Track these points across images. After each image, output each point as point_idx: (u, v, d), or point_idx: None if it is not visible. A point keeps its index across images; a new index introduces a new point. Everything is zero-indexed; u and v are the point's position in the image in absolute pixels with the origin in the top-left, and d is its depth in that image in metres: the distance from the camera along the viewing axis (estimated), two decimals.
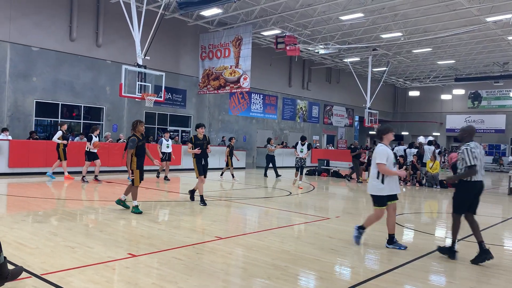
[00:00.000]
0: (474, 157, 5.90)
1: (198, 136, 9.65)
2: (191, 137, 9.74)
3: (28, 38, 17.55)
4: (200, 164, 9.65)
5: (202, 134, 9.69)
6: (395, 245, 6.41)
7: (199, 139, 9.63)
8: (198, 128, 9.75)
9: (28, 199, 9.72)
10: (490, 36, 24.08)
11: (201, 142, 9.58)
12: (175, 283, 4.41)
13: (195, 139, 9.60)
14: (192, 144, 9.58)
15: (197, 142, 9.58)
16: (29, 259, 5.01)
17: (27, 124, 17.72)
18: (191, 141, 9.65)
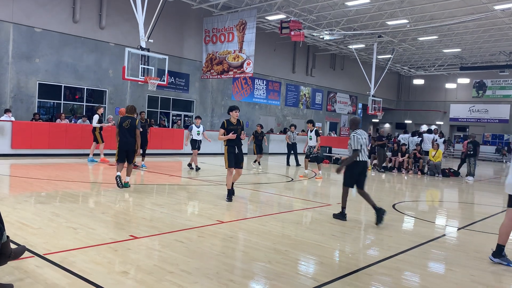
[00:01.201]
0: (359, 143, 7.19)
1: (231, 121, 8.44)
2: (223, 122, 8.46)
3: (31, 19, 17.44)
4: (233, 153, 8.43)
5: (236, 118, 8.47)
6: (502, 260, 5.15)
7: (233, 123, 8.42)
8: (231, 111, 8.47)
9: (31, 180, 9.77)
10: (497, 24, 23.80)
11: (234, 127, 8.38)
12: (176, 265, 4.45)
13: (228, 124, 8.40)
14: (224, 130, 8.38)
15: (230, 127, 8.39)
16: (32, 239, 5.05)
17: (29, 106, 17.72)
18: (223, 126, 8.42)
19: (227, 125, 8.41)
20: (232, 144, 8.41)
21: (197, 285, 3.98)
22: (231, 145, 8.42)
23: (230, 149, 8.42)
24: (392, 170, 17.84)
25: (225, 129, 8.39)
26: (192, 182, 11.23)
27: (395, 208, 8.83)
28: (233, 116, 8.45)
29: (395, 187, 13.47)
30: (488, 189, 14.23)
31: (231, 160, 8.41)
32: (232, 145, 8.41)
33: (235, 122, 8.47)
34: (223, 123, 8.46)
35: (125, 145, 9.30)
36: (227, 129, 8.38)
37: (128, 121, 9.35)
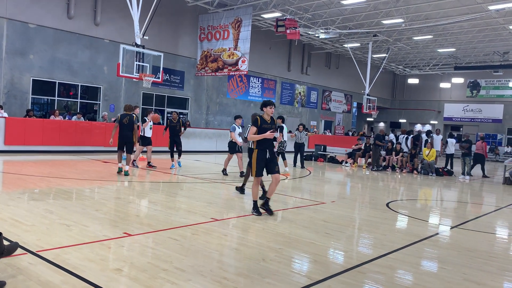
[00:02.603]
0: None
1: (264, 118, 7.06)
2: (255, 119, 7.03)
3: (25, 15, 17.31)
4: (263, 160, 7.01)
5: (270, 116, 7.16)
6: None
7: (266, 121, 7.04)
8: (266, 106, 7.10)
9: (24, 177, 9.71)
10: (492, 25, 23.93)
11: (269, 127, 7.02)
12: (170, 263, 4.44)
13: (261, 121, 6.99)
14: (257, 128, 6.97)
15: (263, 126, 6.99)
16: (25, 236, 5.02)
17: (23, 102, 17.60)
18: (255, 123, 6.99)
19: (260, 122, 6.97)
20: (263, 147, 6.99)
21: (191, 283, 3.98)
22: (262, 148, 6.99)
23: (260, 154, 6.99)
24: (386, 169, 17.90)
25: (258, 127, 6.97)
26: (187, 180, 11.22)
27: (389, 207, 8.87)
28: (268, 113, 7.09)
29: (389, 186, 13.53)
30: (481, 188, 14.32)
31: (260, 167, 7.02)
32: (263, 149, 6.99)
33: (269, 120, 7.10)
34: (255, 120, 7.01)
35: (124, 138, 11.06)
36: (261, 128, 6.97)
37: (127, 118, 11.10)
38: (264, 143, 7.00)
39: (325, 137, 29.37)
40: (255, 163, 7.00)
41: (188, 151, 19.86)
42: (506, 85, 36.88)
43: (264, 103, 7.18)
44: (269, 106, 7.13)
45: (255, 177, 7.12)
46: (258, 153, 6.99)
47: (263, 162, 7.01)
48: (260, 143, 7.00)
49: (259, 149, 7.00)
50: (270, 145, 7.09)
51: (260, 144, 7.00)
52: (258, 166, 7.00)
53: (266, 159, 7.02)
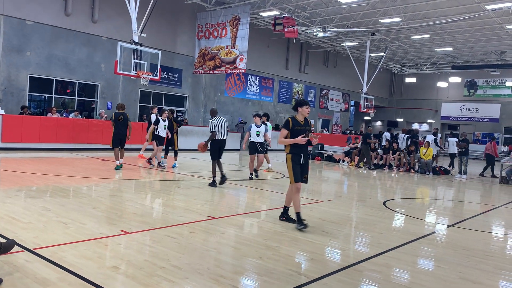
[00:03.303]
0: (215, 125, 9.58)
1: (297, 119, 6.39)
2: (287, 120, 6.39)
3: (22, 11, 17.24)
4: (299, 164, 6.36)
5: (304, 117, 6.46)
6: None
7: (300, 123, 6.37)
8: (301, 106, 6.41)
9: (21, 174, 9.69)
10: (489, 24, 23.98)
11: (303, 128, 6.35)
12: (167, 261, 4.45)
13: (294, 123, 6.33)
14: (288, 131, 6.31)
15: (297, 128, 6.32)
16: (22, 234, 5.01)
17: (20, 99, 17.54)
18: (286, 125, 6.33)
19: (292, 124, 6.32)
20: (298, 151, 6.34)
21: (188, 281, 3.99)
22: (296, 152, 6.33)
23: (295, 158, 6.34)
24: (383, 167, 17.94)
25: (289, 130, 6.32)
26: (184, 178, 11.22)
27: (385, 206, 8.89)
28: (303, 113, 6.42)
29: (386, 185, 13.55)
30: (478, 187, 14.37)
31: (297, 172, 6.33)
32: (297, 153, 6.34)
33: (303, 122, 6.42)
34: (287, 122, 6.35)
35: (119, 135, 11.80)
36: (293, 131, 6.32)
37: (121, 116, 11.80)
38: (298, 147, 6.33)
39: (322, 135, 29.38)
40: (291, 169, 6.36)
41: (186, 149, 19.84)
42: (503, 84, 36.98)
43: (299, 103, 6.47)
44: (305, 105, 6.40)
45: (294, 183, 6.35)
46: (292, 158, 6.34)
47: (298, 166, 6.34)
48: (293, 147, 6.33)
49: (293, 153, 6.33)
50: (305, 150, 6.44)
51: (294, 148, 6.33)
52: (295, 171, 6.32)
53: (300, 165, 6.37)
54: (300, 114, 6.43)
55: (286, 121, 6.41)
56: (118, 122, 11.75)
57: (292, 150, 6.34)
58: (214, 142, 9.66)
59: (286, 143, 6.34)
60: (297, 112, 6.47)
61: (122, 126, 11.77)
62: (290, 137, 6.31)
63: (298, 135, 6.26)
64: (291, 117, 6.43)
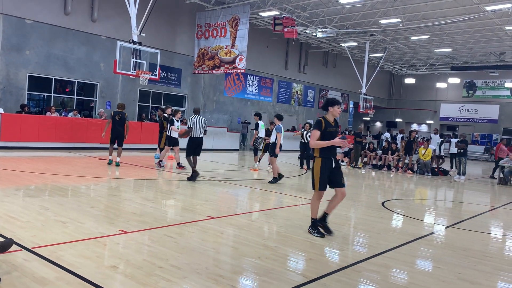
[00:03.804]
0: (194, 122, 10.26)
1: (328, 120, 5.89)
2: (318, 120, 5.85)
3: (21, 10, 17.21)
4: (328, 169, 5.83)
5: (334, 118, 5.98)
6: None
7: (331, 124, 5.88)
8: (333, 105, 5.90)
9: (20, 173, 9.68)
10: (488, 25, 24.01)
11: (334, 130, 5.89)
12: (165, 260, 4.44)
13: (326, 124, 5.81)
14: (320, 132, 5.78)
15: (328, 130, 5.82)
16: (20, 233, 5.00)
17: (19, 98, 17.51)
18: (318, 126, 5.79)
19: (325, 125, 5.80)
20: (329, 155, 5.82)
21: (187, 280, 3.98)
22: (327, 156, 5.81)
23: (325, 163, 5.80)
24: (382, 168, 17.96)
25: (321, 131, 5.78)
26: (183, 177, 11.21)
27: (384, 206, 8.90)
28: (334, 114, 5.92)
29: (385, 185, 13.56)
30: (476, 188, 14.39)
31: (324, 179, 5.81)
32: (328, 157, 5.82)
33: (333, 123, 5.95)
34: (319, 122, 5.81)
35: (116, 133, 12.17)
36: (325, 132, 5.78)
37: (119, 115, 12.16)
38: (329, 151, 5.81)
39: None
40: (318, 174, 5.79)
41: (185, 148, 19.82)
42: (502, 85, 37.04)
43: (330, 102, 5.94)
44: (337, 105, 5.90)
45: (317, 191, 5.88)
46: (322, 162, 5.78)
47: (327, 171, 5.80)
48: (324, 150, 5.79)
49: (324, 157, 5.79)
50: (335, 153, 5.92)
51: (325, 151, 5.79)
52: (322, 177, 5.78)
53: (332, 169, 5.84)
54: (331, 114, 5.92)
55: (317, 121, 5.83)
56: (115, 121, 12.18)
57: (323, 154, 5.79)
58: (191, 139, 10.44)
59: (322, 145, 5.71)
60: (326, 112, 5.96)
61: (118, 124, 12.19)
62: (320, 140, 5.76)
63: (329, 137, 5.75)
64: (322, 117, 5.88)
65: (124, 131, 12.27)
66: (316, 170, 5.81)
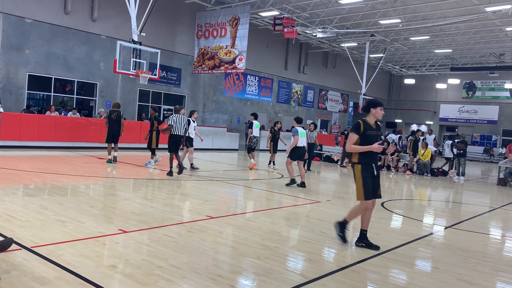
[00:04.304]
0: (174, 121, 10.78)
1: (368, 122, 5.45)
2: (357, 123, 5.42)
3: (21, 9, 17.21)
4: (371, 177, 5.37)
5: (375, 121, 5.55)
6: None
7: (371, 127, 5.43)
8: (374, 107, 5.46)
9: (19, 172, 9.67)
10: (488, 26, 24.02)
11: (374, 134, 5.43)
12: (165, 260, 4.44)
13: (366, 127, 5.38)
14: (359, 136, 5.36)
15: (369, 133, 5.38)
16: (19, 232, 5.00)
17: (19, 97, 17.52)
18: (357, 129, 5.37)
19: (364, 128, 5.36)
20: (370, 160, 5.37)
21: (186, 280, 3.98)
22: (368, 162, 5.37)
23: (366, 170, 5.35)
24: (381, 168, 17.97)
25: (360, 134, 5.36)
26: (182, 177, 11.21)
27: (384, 207, 8.90)
28: (376, 116, 5.47)
29: (384, 186, 13.56)
30: (475, 189, 14.40)
31: (368, 187, 5.33)
32: (369, 163, 5.37)
33: (375, 126, 5.50)
34: (357, 125, 5.39)
35: (113, 131, 12.66)
36: (365, 136, 5.35)
37: (115, 113, 12.68)
38: (370, 156, 5.36)
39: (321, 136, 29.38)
40: (361, 183, 5.32)
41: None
42: (502, 86, 37.05)
43: (372, 103, 5.48)
44: (380, 107, 5.44)
45: (363, 201, 5.39)
46: (363, 169, 5.33)
47: (370, 179, 5.33)
48: (365, 156, 5.33)
49: (364, 163, 5.34)
50: (376, 158, 5.52)
51: (365, 157, 5.34)
52: (367, 186, 5.30)
53: (373, 177, 5.39)
54: (372, 116, 5.47)
55: (356, 124, 5.40)
56: (111, 120, 12.63)
57: (363, 160, 5.33)
58: (172, 136, 10.89)
59: (359, 150, 5.30)
60: (367, 113, 5.50)
61: (114, 123, 12.63)
62: (360, 143, 5.34)
63: (370, 141, 5.29)
64: (362, 120, 5.43)
65: (120, 129, 12.69)
66: (358, 177, 5.35)
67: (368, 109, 5.50)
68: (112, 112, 12.79)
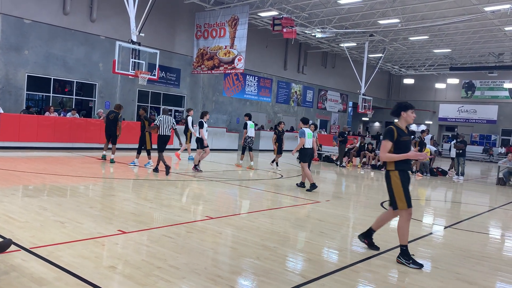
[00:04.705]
0: (160, 121, 11.33)
1: (400, 126, 5.13)
2: (390, 129, 5.08)
3: (20, 10, 17.19)
4: (409, 183, 5.13)
5: (406, 126, 5.21)
6: None
7: (404, 132, 5.12)
8: (405, 110, 5.14)
9: (18, 173, 9.67)
10: (487, 26, 24.03)
11: (408, 139, 5.15)
12: (164, 261, 4.44)
13: (399, 133, 5.05)
14: (392, 142, 5.03)
15: (402, 139, 5.06)
16: (19, 233, 5.00)
17: (18, 98, 17.50)
18: (390, 135, 5.03)
19: (397, 134, 5.03)
20: (406, 167, 5.10)
21: (185, 280, 3.98)
22: (405, 169, 5.09)
23: (404, 176, 5.07)
24: (381, 168, 17.97)
25: (394, 141, 5.03)
26: (181, 177, 11.21)
27: (383, 206, 8.90)
28: (408, 120, 5.15)
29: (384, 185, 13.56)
30: (475, 189, 14.40)
31: (408, 194, 5.05)
32: (406, 170, 5.10)
33: (406, 130, 5.21)
34: (390, 132, 5.05)
35: (109, 131, 13.11)
36: (398, 142, 5.03)
37: (113, 114, 13.06)
38: (406, 162, 5.08)
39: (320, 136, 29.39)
40: (401, 191, 5.00)
41: None
42: (501, 86, 37.07)
43: (403, 106, 5.17)
44: (411, 109, 5.13)
45: (406, 209, 5.03)
46: (400, 176, 5.02)
47: (408, 185, 5.06)
48: (401, 162, 5.04)
49: (401, 170, 5.04)
50: (410, 165, 5.11)
51: (401, 163, 5.04)
52: (407, 193, 5.01)
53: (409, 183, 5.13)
54: (404, 120, 5.15)
55: (389, 130, 5.05)
56: (108, 120, 13.15)
57: (400, 167, 5.03)
58: (159, 137, 11.46)
59: (396, 159, 4.98)
60: (398, 118, 5.20)
61: (110, 123, 13.11)
62: (394, 151, 5.02)
63: (403, 147, 5.02)
64: (394, 125, 5.09)
65: (116, 130, 13.09)
66: (397, 184, 5.01)
67: (398, 113, 5.18)
68: (110, 112, 13.27)
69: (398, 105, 5.22)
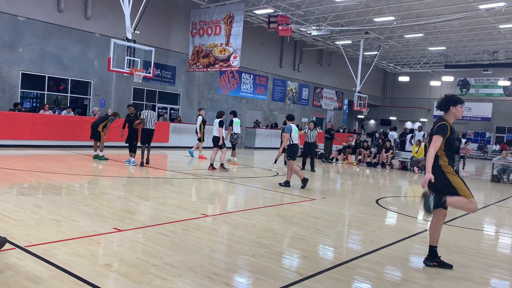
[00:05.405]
0: (146, 116, 12.04)
1: (449, 122, 4.81)
2: (443, 124, 4.71)
3: (14, 7, 17.07)
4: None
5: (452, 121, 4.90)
6: None
7: (453, 129, 4.82)
8: (455, 104, 4.83)
9: (13, 172, 9.62)
10: (482, 23, 24.12)
11: (456, 136, 5.16)
12: (160, 259, 4.44)
13: (451, 129, 4.75)
14: (444, 139, 4.69)
15: (453, 136, 4.79)
16: (14, 231, 4.98)
17: (12, 96, 17.39)
18: (443, 131, 4.67)
19: (450, 131, 4.73)
20: (453, 163, 4.89)
21: (181, 278, 3.98)
22: (453, 165, 4.90)
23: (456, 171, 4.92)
24: (376, 166, 18.02)
25: (445, 137, 4.70)
26: (177, 175, 11.20)
27: (378, 204, 8.94)
28: (457, 115, 4.87)
29: (379, 183, 13.61)
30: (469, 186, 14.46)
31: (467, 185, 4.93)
32: (453, 166, 4.88)
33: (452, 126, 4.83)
34: (444, 128, 4.69)
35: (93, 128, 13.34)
36: (449, 139, 4.75)
37: (105, 115, 13.27)
38: (452, 158, 4.85)
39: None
40: (460, 182, 4.85)
41: (179, 146, 19.81)
42: (495, 84, 37.25)
43: (453, 100, 4.83)
44: (460, 104, 4.83)
45: (471, 197, 4.90)
46: (454, 170, 4.85)
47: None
48: (450, 158, 4.80)
49: (453, 166, 4.82)
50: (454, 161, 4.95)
51: (451, 159, 4.81)
52: (465, 183, 4.90)
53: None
54: (452, 115, 4.84)
55: (442, 126, 4.68)
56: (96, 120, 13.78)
57: (451, 162, 4.80)
58: (143, 130, 12.08)
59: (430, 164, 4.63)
60: (446, 112, 4.86)
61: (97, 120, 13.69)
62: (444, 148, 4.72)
63: (452, 144, 4.74)
64: (445, 120, 4.77)
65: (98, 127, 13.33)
66: (455, 178, 4.80)
67: (447, 108, 4.82)
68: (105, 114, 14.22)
69: (447, 99, 4.84)
